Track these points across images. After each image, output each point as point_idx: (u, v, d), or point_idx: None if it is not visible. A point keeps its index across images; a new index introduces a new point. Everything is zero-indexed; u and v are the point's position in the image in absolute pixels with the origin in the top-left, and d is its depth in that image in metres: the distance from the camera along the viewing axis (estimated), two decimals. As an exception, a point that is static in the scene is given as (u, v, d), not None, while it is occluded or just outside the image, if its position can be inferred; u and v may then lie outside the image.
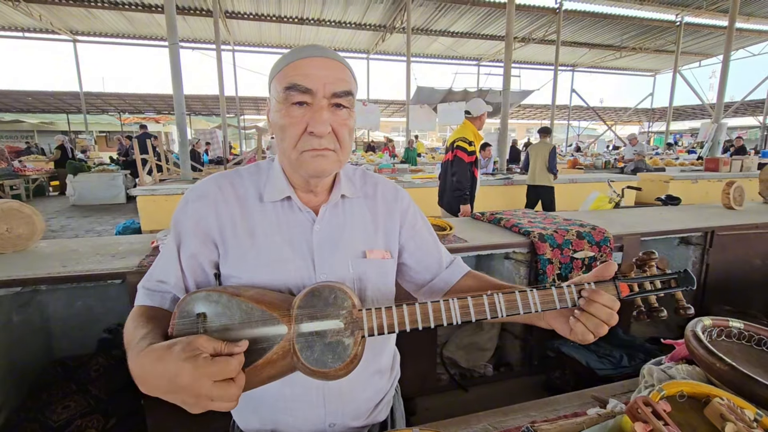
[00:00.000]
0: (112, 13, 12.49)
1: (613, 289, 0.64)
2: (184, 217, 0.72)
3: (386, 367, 0.85)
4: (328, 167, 0.68)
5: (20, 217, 1.89)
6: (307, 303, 0.60)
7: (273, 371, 0.60)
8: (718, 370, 0.68)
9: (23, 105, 16.99)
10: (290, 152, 0.67)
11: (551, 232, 2.21)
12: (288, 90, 0.64)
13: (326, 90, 0.64)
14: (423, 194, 5.22)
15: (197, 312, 0.59)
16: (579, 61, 19.25)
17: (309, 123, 0.64)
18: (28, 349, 1.91)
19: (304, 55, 0.66)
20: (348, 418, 0.77)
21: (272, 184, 0.74)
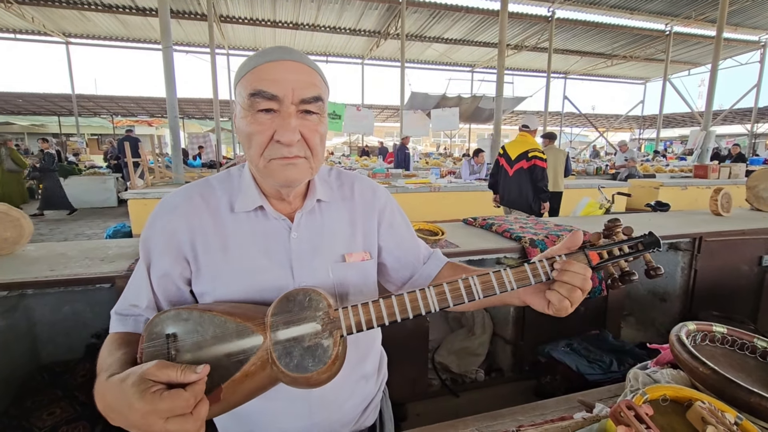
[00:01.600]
0: (106, 15, 12.44)
1: (584, 258, 0.64)
2: (153, 234, 0.68)
3: (372, 371, 0.84)
4: (298, 176, 0.65)
5: (7, 221, 1.87)
6: (281, 309, 0.59)
7: (253, 384, 0.58)
8: (700, 374, 0.69)
9: (13, 107, 16.81)
10: (258, 161, 0.64)
11: (542, 237, 2.22)
12: (253, 96, 0.60)
13: (294, 96, 0.60)
14: (416, 199, 5.24)
15: (167, 333, 0.58)
16: (571, 68, 19.50)
17: (276, 131, 0.61)
18: (13, 355, 1.87)
19: (271, 58, 0.61)
20: (335, 426, 0.76)
21: (243, 194, 0.71)
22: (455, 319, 2.58)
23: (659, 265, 0.66)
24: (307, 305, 0.59)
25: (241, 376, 0.56)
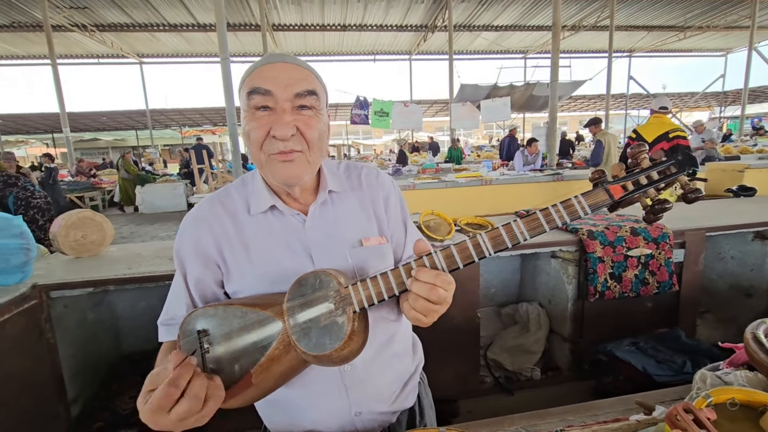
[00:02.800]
0: (172, 35, 13.50)
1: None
2: (183, 245, 0.74)
3: (404, 351, 0.86)
4: (297, 173, 0.67)
5: (93, 225, 2.10)
6: (295, 294, 0.62)
7: (281, 368, 0.62)
8: (780, 376, 0.61)
9: (99, 124, 18.80)
10: (259, 155, 0.67)
11: (602, 228, 2.08)
12: (250, 95, 0.64)
13: (288, 92, 0.64)
14: (468, 193, 5.13)
15: (198, 329, 0.63)
16: (636, 45, 17.98)
17: (272, 127, 0.64)
18: (100, 345, 2.11)
19: (266, 61, 0.66)
20: (373, 404, 0.78)
21: (256, 196, 0.75)
22: (508, 316, 2.49)
23: (698, 187, 0.60)
24: (319, 286, 0.62)
25: (267, 361, 0.60)
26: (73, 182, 9.22)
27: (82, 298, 1.91)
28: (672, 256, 2.09)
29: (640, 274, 2.07)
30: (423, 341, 0.98)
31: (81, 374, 1.89)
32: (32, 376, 1.56)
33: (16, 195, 5.14)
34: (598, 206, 0.62)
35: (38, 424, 1.56)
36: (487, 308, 2.63)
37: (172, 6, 11.44)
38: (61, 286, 1.66)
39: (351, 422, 0.77)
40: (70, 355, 1.82)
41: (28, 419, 1.51)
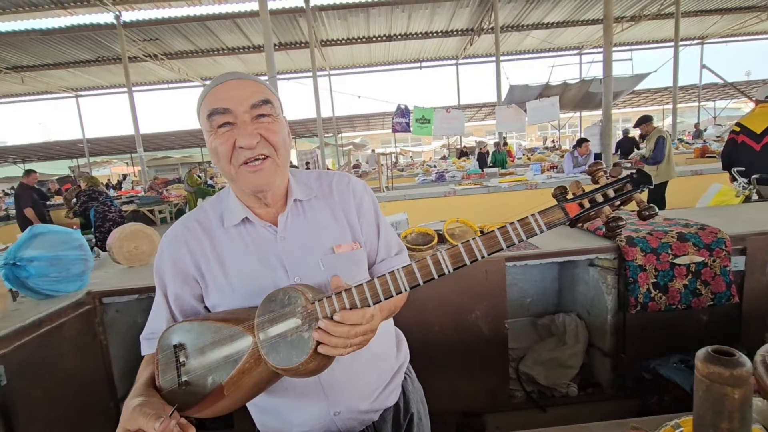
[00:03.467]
0: (231, 57, 14.51)
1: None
2: (162, 263, 0.78)
3: (385, 351, 0.87)
4: (267, 179, 0.71)
5: (144, 237, 2.31)
6: (265, 310, 0.64)
7: (252, 380, 0.64)
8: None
9: (169, 143, 20.58)
10: (228, 169, 0.70)
11: (644, 234, 1.92)
12: (210, 116, 0.68)
13: (244, 105, 0.68)
14: (510, 198, 4.95)
15: (174, 343, 0.67)
16: (709, 31, 16.38)
17: (237, 138, 0.67)
18: (151, 346, 2.30)
19: (217, 82, 0.70)
20: (352, 403, 0.80)
21: (229, 210, 0.78)
22: (544, 327, 2.37)
23: (652, 204, 0.60)
24: (287, 302, 0.63)
25: (238, 374, 0.63)
26: (145, 197, 10.16)
27: (132, 304, 2.09)
28: (729, 264, 1.88)
29: (691, 284, 1.87)
30: (445, 350, 0.97)
31: (130, 375, 2.07)
32: (87, 374, 1.74)
33: (96, 209, 5.78)
34: (553, 224, 0.61)
35: (92, 419, 1.74)
36: (522, 319, 2.52)
37: (231, 31, 12.32)
38: (112, 293, 1.84)
39: (332, 422, 0.80)
40: (120, 356, 2.00)
41: (84, 413, 1.69)
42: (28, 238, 1.76)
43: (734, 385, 0.24)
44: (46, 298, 1.75)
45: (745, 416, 0.24)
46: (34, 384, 1.46)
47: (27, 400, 1.41)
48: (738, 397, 0.24)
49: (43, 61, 13.30)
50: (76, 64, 13.75)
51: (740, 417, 0.24)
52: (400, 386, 0.90)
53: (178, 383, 0.66)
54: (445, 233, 2.05)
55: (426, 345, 1.86)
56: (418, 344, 1.18)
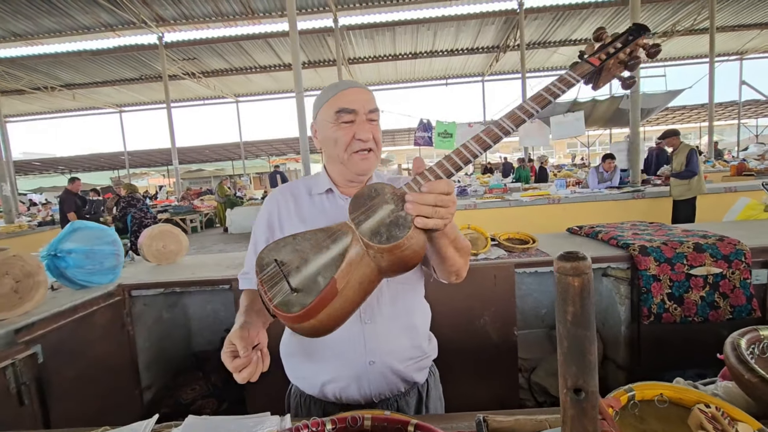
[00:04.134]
0: (263, 75, 15.16)
1: (571, 79, 0.72)
2: (259, 216, 0.99)
3: (419, 325, 0.98)
4: (370, 166, 0.91)
5: (171, 237, 2.45)
6: (355, 208, 0.67)
7: (359, 274, 0.65)
8: (746, 383, 0.56)
9: (203, 156, 21.50)
10: (342, 155, 0.89)
11: (658, 244, 1.90)
12: (339, 113, 0.87)
13: (365, 108, 0.88)
14: (532, 213, 4.91)
15: (274, 259, 0.68)
16: (748, 46, 15.82)
17: (356, 132, 0.87)
18: (173, 341, 2.42)
19: (345, 87, 0.90)
20: (386, 357, 0.90)
21: (317, 183, 0.98)
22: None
23: (657, 42, 0.74)
24: (375, 194, 0.68)
25: (347, 266, 0.64)
26: (178, 206, 10.64)
27: (159, 298, 2.23)
28: (750, 277, 1.82)
29: (708, 296, 1.83)
30: (454, 354, 1.06)
31: (154, 365, 2.19)
32: (114, 361, 1.87)
33: (133, 215, 6.13)
34: (585, 74, 0.73)
35: (117, 404, 1.85)
36: (537, 330, 2.49)
37: (263, 51, 12.91)
38: (139, 286, 1.98)
39: (365, 371, 0.89)
40: (146, 347, 2.13)
41: (109, 397, 1.80)
42: (69, 232, 1.92)
43: (574, 275, 0.29)
44: (81, 288, 1.90)
45: (584, 300, 0.28)
46: (67, 365, 1.58)
47: (60, 379, 1.54)
48: (577, 285, 0.28)
49: (93, 79, 14.32)
50: (121, 82, 14.72)
51: (580, 301, 0.28)
52: (427, 370, 1.01)
53: (290, 289, 0.65)
54: (456, 239, 2.08)
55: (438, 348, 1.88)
56: None
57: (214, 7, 10.13)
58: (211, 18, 10.69)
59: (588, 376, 0.30)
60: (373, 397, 0.92)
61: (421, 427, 0.62)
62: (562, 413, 0.32)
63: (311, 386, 0.94)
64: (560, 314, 0.30)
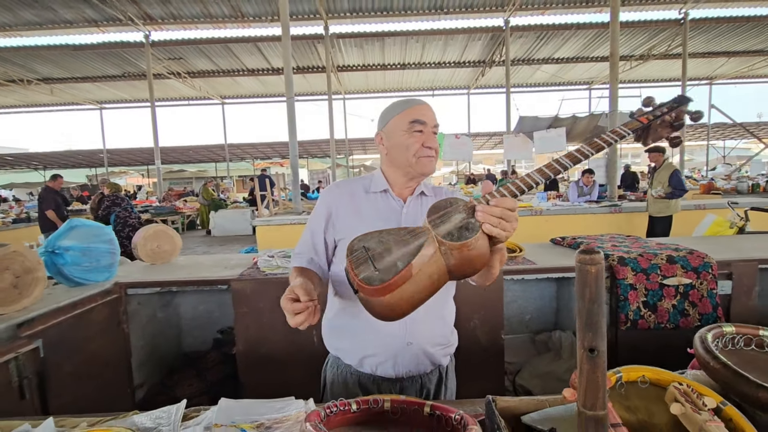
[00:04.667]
0: (250, 78, 15.10)
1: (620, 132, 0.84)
2: (318, 208, 1.12)
3: (447, 318, 1.12)
4: (432, 168, 1.06)
5: (165, 237, 2.47)
6: (432, 214, 0.79)
7: (431, 269, 0.75)
8: (712, 369, 0.66)
9: (185, 157, 21.15)
10: (411, 159, 1.03)
11: (635, 255, 2.04)
12: (412, 123, 1.03)
13: (432, 122, 1.05)
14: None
15: (363, 246, 0.81)
16: (717, 72, 16.71)
17: (424, 141, 1.03)
18: (166, 340, 2.43)
19: (417, 103, 1.06)
20: (422, 340, 1.04)
21: (375, 182, 1.12)
22: (542, 343, 2.46)
23: (699, 110, 0.84)
24: (449, 205, 0.80)
25: (420, 258, 0.74)
26: (160, 207, 10.45)
27: (153, 298, 2.25)
28: (716, 288, 1.98)
29: (679, 304, 1.97)
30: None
31: (147, 364, 2.20)
32: (109, 358, 1.88)
33: (117, 214, 6.01)
34: (634, 129, 0.85)
35: (111, 400, 1.85)
36: (521, 335, 2.61)
37: (252, 54, 12.88)
38: (135, 285, 1.99)
39: (402, 349, 1.02)
40: (140, 345, 2.14)
41: (104, 394, 1.81)
42: (67, 229, 1.93)
43: (590, 264, 0.38)
44: (77, 285, 1.90)
45: (597, 283, 0.37)
46: (66, 360, 1.59)
47: (59, 373, 1.55)
48: (593, 272, 0.37)
49: (73, 74, 13.96)
50: (103, 78, 14.40)
51: (595, 283, 0.37)
52: (449, 357, 1.15)
53: (373, 269, 0.76)
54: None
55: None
56: None
57: (203, 8, 10.09)
58: (199, 19, 10.63)
59: (599, 339, 0.38)
60: (404, 374, 1.04)
61: (436, 407, 0.70)
62: (579, 368, 0.41)
63: (351, 357, 1.06)
64: (579, 294, 0.39)
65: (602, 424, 0.39)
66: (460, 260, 0.74)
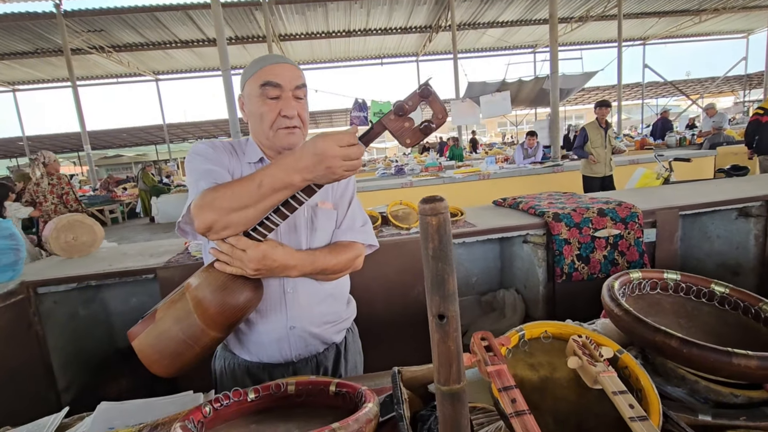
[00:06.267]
0: (185, 51, 13.98)
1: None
2: (210, 153, 0.94)
3: (339, 294, 1.06)
4: (296, 141, 0.92)
5: (83, 228, 2.24)
6: None
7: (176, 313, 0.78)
8: (615, 316, 0.65)
9: (121, 141, 19.60)
10: (268, 132, 0.90)
11: (569, 211, 2.09)
12: (263, 86, 0.87)
13: (291, 84, 0.88)
14: (465, 189, 5.14)
15: None
16: (650, 32, 17.50)
17: (282, 109, 0.88)
18: (94, 339, 2.24)
19: (272, 62, 0.90)
20: (306, 323, 0.98)
21: (248, 151, 0.98)
22: (487, 303, 2.52)
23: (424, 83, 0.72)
24: None
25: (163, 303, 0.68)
26: (93, 197, 9.66)
27: (72, 294, 2.04)
28: (642, 236, 2.08)
29: (609, 254, 2.06)
30: (390, 324, 1.38)
31: (72, 365, 2.02)
32: (22, 364, 1.70)
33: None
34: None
35: (32, 407, 1.69)
36: (468, 297, 2.65)
37: (183, 23, 11.86)
38: (46, 282, 1.80)
39: (286, 334, 0.97)
40: (60, 347, 1.95)
41: (21, 403, 1.64)
42: (-48, 226, 1.68)
43: (432, 214, 0.33)
44: (-25, 289, 1.68)
45: (441, 237, 0.32)
46: (-39, 373, 1.41)
47: (-48, 389, 1.37)
48: (435, 223, 0.32)
49: (-26, 52, 12.29)
50: (12, 56, 12.78)
51: (438, 238, 0.32)
52: (345, 331, 1.10)
53: None
54: (389, 215, 2.14)
55: (372, 317, 1.94)
56: (364, 316, 1.27)
57: (121, -28, 9.09)
58: (118, -15, 9.59)
59: (449, 303, 0.34)
60: (293, 358, 0.99)
61: (342, 384, 0.65)
62: (431, 337, 0.36)
63: (237, 347, 1.01)
64: (424, 251, 0.34)
65: (459, 400, 0.35)
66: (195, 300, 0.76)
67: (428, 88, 0.68)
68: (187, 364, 0.80)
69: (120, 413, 0.71)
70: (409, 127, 0.70)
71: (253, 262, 0.77)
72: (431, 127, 0.69)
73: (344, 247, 0.98)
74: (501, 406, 0.47)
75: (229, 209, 0.73)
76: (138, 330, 0.80)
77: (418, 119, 0.73)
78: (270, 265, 0.80)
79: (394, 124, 0.69)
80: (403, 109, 0.68)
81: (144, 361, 0.80)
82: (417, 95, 0.69)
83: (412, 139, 0.70)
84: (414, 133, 0.70)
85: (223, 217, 0.74)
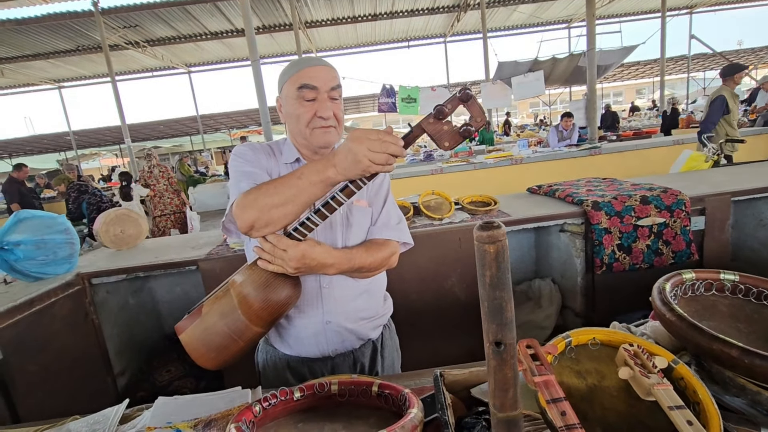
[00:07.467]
0: (215, 42, 14.23)
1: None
2: (250, 155, 1.00)
3: (375, 291, 1.08)
4: (332, 140, 0.96)
5: (130, 221, 2.36)
6: None
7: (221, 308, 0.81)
8: (667, 321, 0.62)
9: (158, 133, 20.35)
10: (305, 131, 0.94)
11: (609, 198, 2.01)
12: (300, 89, 0.91)
13: (326, 86, 0.92)
14: (493, 174, 5.02)
15: None
16: (697, 0, 16.23)
17: (317, 110, 0.92)
18: (144, 326, 2.38)
19: (307, 65, 0.93)
20: (341, 318, 1.01)
21: (285, 151, 1.03)
22: (522, 293, 2.48)
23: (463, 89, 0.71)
24: None
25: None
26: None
27: (122, 285, 2.17)
28: (689, 224, 1.97)
29: (653, 244, 1.97)
30: (424, 314, 1.43)
31: (125, 352, 2.16)
32: (82, 351, 1.83)
33: (88, 201, 5.80)
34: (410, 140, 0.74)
35: (91, 393, 1.83)
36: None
37: (213, 15, 12.05)
38: (99, 273, 1.91)
39: (323, 330, 1.00)
40: (114, 334, 2.09)
41: (82, 387, 1.78)
42: (13, 223, 1.81)
43: (490, 242, 0.32)
44: (36, 280, 1.82)
45: (500, 265, 0.31)
46: (30, 359, 1.54)
47: (24, 374, 1.50)
48: (493, 251, 0.31)
49: (22, 52, 12.98)
50: (56, 54, 13.44)
51: (497, 266, 0.32)
52: (381, 327, 1.12)
53: None
54: (420, 205, 2.12)
55: (406, 310, 1.95)
56: (398, 308, 1.29)
57: (153, -32, 9.29)
58: (150, -20, 9.82)
59: (506, 330, 0.33)
60: (330, 352, 1.02)
61: (385, 386, 0.66)
62: (487, 363, 0.36)
63: (278, 341, 1.05)
64: (480, 278, 0.33)
65: (516, 426, 0.35)
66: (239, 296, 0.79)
67: (468, 92, 0.66)
68: (232, 358, 0.84)
69: (175, 408, 0.75)
70: (447, 130, 0.68)
71: (294, 261, 0.80)
72: (470, 130, 0.68)
73: (380, 245, 0.99)
74: (549, 417, 0.47)
75: (270, 206, 0.77)
76: (185, 324, 0.85)
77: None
78: (309, 264, 0.83)
79: (432, 127, 0.68)
80: (442, 112, 0.67)
81: (191, 354, 0.84)
82: (456, 99, 0.67)
83: (451, 142, 0.69)
84: (453, 135, 0.69)
85: (264, 215, 0.77)
